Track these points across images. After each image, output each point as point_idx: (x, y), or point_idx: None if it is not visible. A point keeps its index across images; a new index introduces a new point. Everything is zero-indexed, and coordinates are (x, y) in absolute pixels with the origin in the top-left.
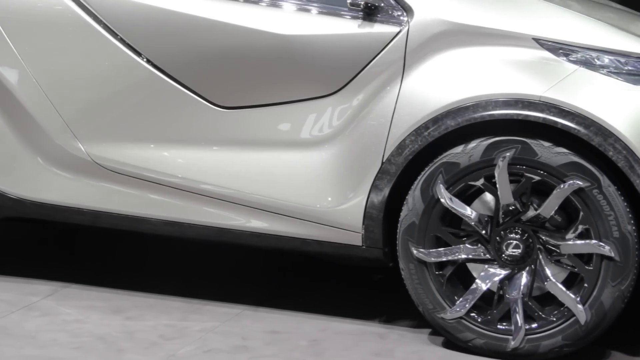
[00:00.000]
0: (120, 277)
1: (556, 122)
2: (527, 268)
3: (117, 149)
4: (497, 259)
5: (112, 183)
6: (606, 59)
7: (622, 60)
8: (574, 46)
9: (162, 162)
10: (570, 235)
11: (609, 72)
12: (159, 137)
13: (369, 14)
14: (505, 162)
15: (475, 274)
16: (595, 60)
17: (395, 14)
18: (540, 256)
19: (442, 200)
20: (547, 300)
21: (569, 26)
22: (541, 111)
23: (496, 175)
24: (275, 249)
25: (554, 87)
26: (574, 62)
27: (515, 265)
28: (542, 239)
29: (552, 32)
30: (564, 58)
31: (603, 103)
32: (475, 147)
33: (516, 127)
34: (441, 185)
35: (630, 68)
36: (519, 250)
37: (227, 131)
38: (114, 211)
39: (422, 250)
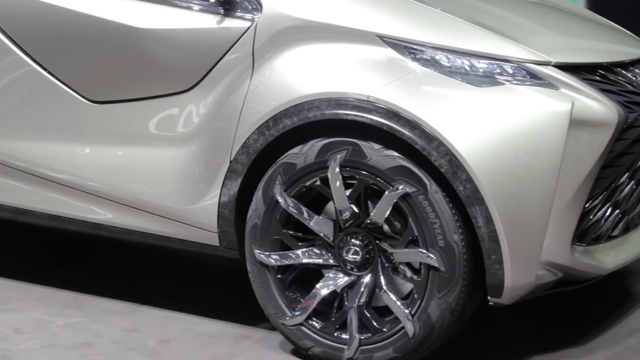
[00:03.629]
0: (39, 269)
1: (382, 124)
2: (369, 276)
3: (4, 142)
4: (340, 265)
5: (2, 176)
6: (458, 60)
7: (475, 61)
8: (420, 45)
9: (42, 156)
10: (401, 242)
11: (456, 73)
12: (40, 131)
13: (226, 8)
14: (336, 164)
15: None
16: (444, 60)
17: (249, 8)
18: (380, 264)
19: (280, 201)
20: (389, 310)
21: (418, 24)
22: (369, 112)
23: (329, 177)
24: (146, 246)
25: (384, 87)
26: (419, 61)
27: (358, 272)
28: (382, 246)
29: (398, 30)
30: (409, 57)
31: (432, 105)
32: (310, 148)
33: (355, 128)
34: (279, 186)
35: (482, 70)
36: (358, 257)
37: (97, 125)
38: (4, 203)
39: (263, 252)
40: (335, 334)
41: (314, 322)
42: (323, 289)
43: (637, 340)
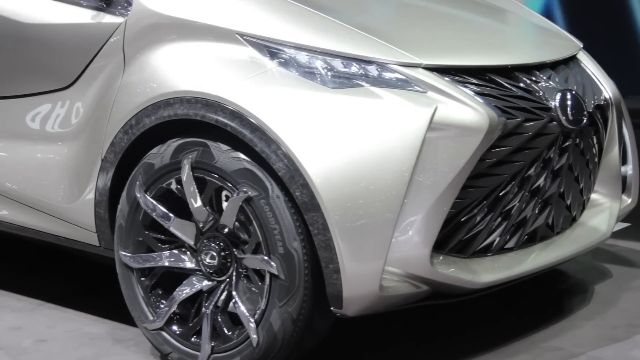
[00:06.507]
0: None
1: (226, 124)
2: (226, 281)
3: None
4: (201, 269)
5: None
6: (317, 60)
7: (335, 62)
8: (279, 44)
9: None
10: (249, 248)
11: (313, 73)
12: None
13: (106, 3)
14: (188, 165)
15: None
16: (303, 60)
17: (123, 4)
18: (235, 270)
19: (140, 202)
20: None
21: (280, 22)
22: (215, 112)
23: (182, 178)
24: (43, 244)
25: (233, 87)
26: (277, 61)
27: (217, 277)
28: (236, 252)
29: (258, 28)
30: (268, 57)
31: (275, 106)
32: (167, 149)
33: (209, 129)
34: (139, 187)
35: (340, 71)
36: (215, 262)
37: None
38: None
39: (126, 254)
40: (192, 340)
41: (174, 327)
42: (181, 294)
43: (528, 357)
